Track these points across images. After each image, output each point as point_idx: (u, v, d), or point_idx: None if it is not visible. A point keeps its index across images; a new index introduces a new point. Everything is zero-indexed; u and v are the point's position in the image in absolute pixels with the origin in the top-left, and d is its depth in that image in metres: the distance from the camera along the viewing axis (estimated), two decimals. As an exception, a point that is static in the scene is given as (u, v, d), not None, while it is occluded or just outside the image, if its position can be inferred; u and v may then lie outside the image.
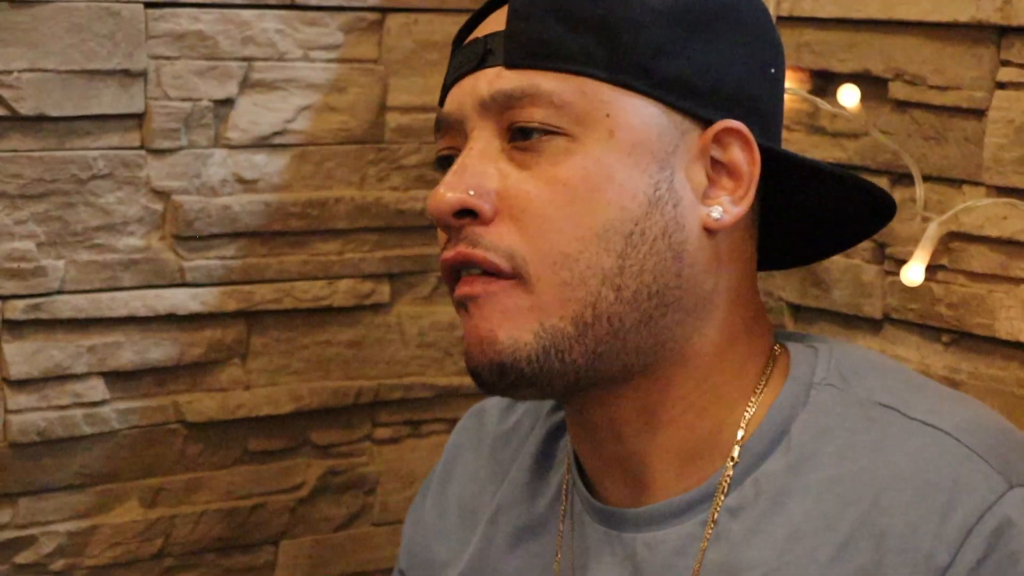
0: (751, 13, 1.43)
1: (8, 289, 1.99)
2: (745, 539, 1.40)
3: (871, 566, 1.33)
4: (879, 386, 1.43)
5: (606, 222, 1.35)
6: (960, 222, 1.85)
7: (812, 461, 1.40)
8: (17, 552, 2.05)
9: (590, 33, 1.36)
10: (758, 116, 1.42)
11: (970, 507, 1.31)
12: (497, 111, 1.37)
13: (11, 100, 1.96)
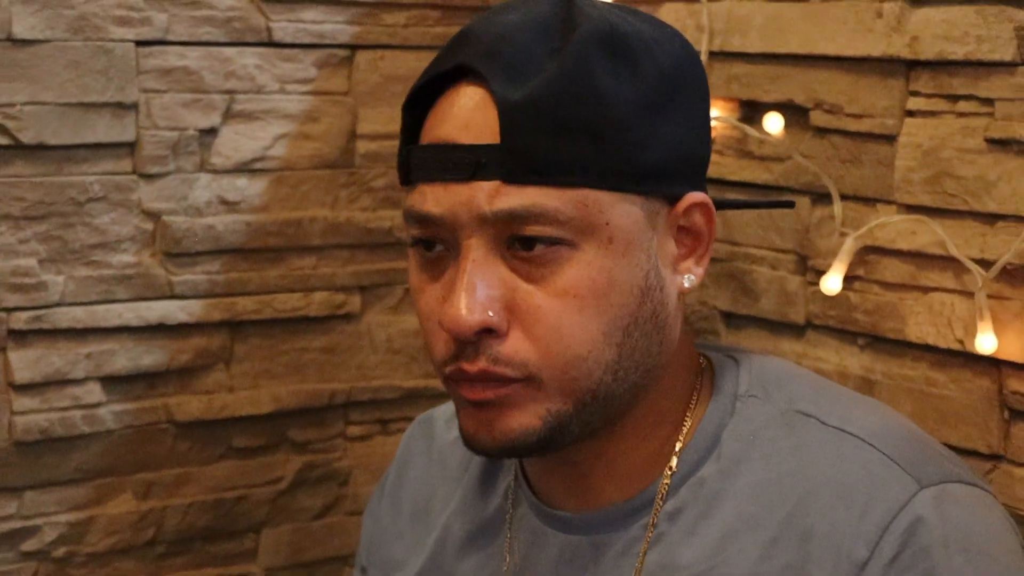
0: (690, 69, 1.42)
1: (12, 302, 1.99)
2: (681, 540, 1.40)
3: (797, 563, 1.34)
4: (797, 395, 1.43)
5: (610, 321, 1.34)
6: (874, 237, 1.85)
7: (741, 467, 1.40)
8: (23, 541, 2.05)
9: (581, 140, 1.33)
10: (703, 171, 1.42)
11: (885, 507, 1.32)
12: (498, 225, 1.33)
13: (14, 130, 1.96)
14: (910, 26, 1.81)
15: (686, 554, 1.40)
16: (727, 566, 1.37)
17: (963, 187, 1.77)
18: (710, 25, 2.04)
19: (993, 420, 1.77)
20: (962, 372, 1.80)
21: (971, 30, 1.74)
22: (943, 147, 1.79)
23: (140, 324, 2.08)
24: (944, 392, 1.82)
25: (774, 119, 1.94)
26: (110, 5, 2.00)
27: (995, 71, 1.73)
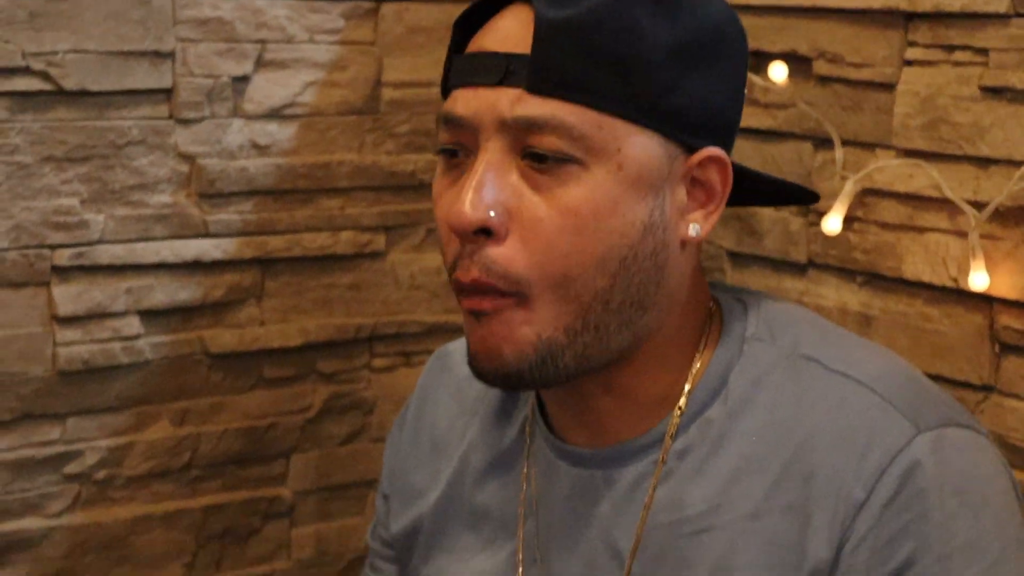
0: (734, 38, 1.40)
1: (56, 240, 1.99)
2: (690, 478, 1.40)
3: (799, 503, 1.34)
4: (802, 339, 1.42)
5: (607, 249, 1.33)
6: (873, 180, 1.86)
7: (747, 409, 1.40)
8: (66, 464, 2.05)
9: (608, 69, 1.31)
10: (729, 132, 1.41)
11: (884, 450, 1.31)
12: (516, 132, 1.32)
13: (57, 77, 1.95)
14: None
15: (694, 492, 1.39)
16: (732, 504, 1.37)
17: (958, 133, 1.77)
18: None
19: (984, 354, 1.78)
20: (955, 308, 1.80)
21: None
22: (939, 95, 1.79)
23: (176, 261, 2.08)
24: (938, 327, 1.82)
25: (779, 68, 1.93)
26: None
27: (989, 22, 1.73)
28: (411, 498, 1.64)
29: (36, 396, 2.02)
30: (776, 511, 1.35)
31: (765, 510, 1.36)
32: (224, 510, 2.19)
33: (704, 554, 1.38)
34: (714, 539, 1.37)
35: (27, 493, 2.03)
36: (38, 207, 1.98)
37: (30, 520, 2.04)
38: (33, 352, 2.01)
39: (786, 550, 1.34)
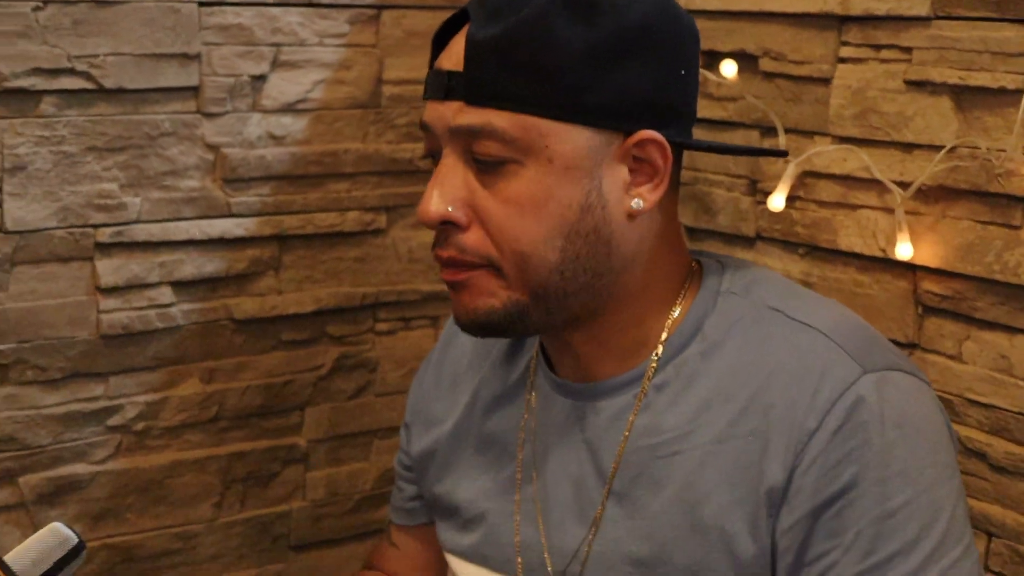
0: (661, 30, 1.40)
1: (98, 220, 2.00)
2: (665, 408, 1.43)
3: (760, 430, 1.37)
4: (769, 294, 1.46)
5: (549, 229, 1.37)
6: (812, 163, 1.86)
7: (718, 350, 1.43)
8: (108, 417, 2.06)
9: (528, 77, 1.35)
10: (671, 113, 1.42)
11: (833, 387, 1.34)
12: (462, 137, 1.37)
13: (98, 77, 1.95)
14: None
15: (668, 420, 1.42)
16: (702, 430, 1.40)
17: (885, 121, 1.77)
18: None
19: (909, 315, 1.78)
20: (883, 275, 1.81)
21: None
22: (869, 88, 1.79)
23: (203, 238, 2.09)
24: (869, 292, 1.83)
25: (729, 65, 1.94)
26: None
27: (912, 24, 1.73)
28: (430, 425, 1.67)
29: (82, 357, 2.02)
30: (739, 437, 1.38)
31: (730, 435, 1.38)
32: (247, 456, 2.20)
33: (675, 473, 1.41)
34: (685, 460, 1.40)
35: (75, 442, 2.04)
36: (82, 191, 1.98)
37: (78, 466, 2.04)
38: (79, 319, 2.01)
39: (746, 470, 1.37)
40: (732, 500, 1.38)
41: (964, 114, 1.70)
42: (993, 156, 1.65)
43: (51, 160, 1.95)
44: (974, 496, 1.72)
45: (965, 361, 1.74)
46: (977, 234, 1.70)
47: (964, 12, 1.68)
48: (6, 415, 1.99)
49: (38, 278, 1.98)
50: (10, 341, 1.97)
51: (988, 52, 1.65)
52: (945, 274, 1.74)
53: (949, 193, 1.72)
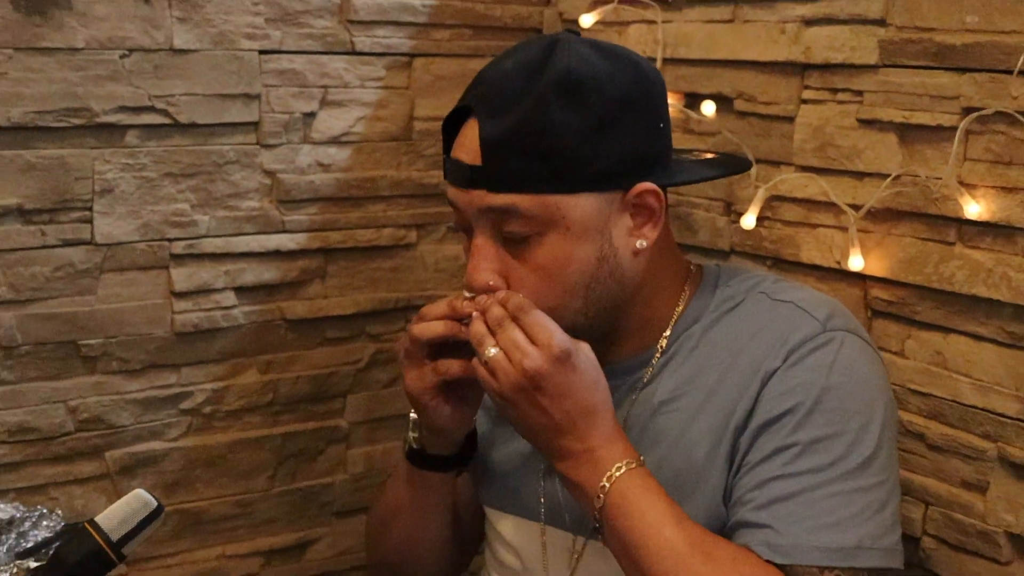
0: (639, 96, 1.42)
1: (173, 234, 2.00)
2: (666, 376, 1.49)
3: (743, 382, 1.43)
4: (758, 283, 1.53)
5: (573, 284, 1.41)
6: (778, 188, 1.86)
7: (714, 326, 1.49)
8: (180, 402, 2.07)
9: (538, 162, 1.37)
10: (657, 162, 1.45)
11: (797, 338, 1.41)
12: (491, 217, 1.40)
13: (174, 114, 1.96)
14: (804, 40, 1.80)
15: (667, 383, 1.49)
16: (696, 389, 1.46)
17: (841, 153, 1.77)
18: (664, 40, 2.02)
19: (860, 317, 1.76)
20: (839, 284, 1.81)
21: (847, 42, 1.74)
22: (827, 125, 1.79)
23: (261, 250, 2.09)
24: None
25: (708, 105, 1.94)
26: (241, 25, 1.99)
27: (863, 71, 1.73)
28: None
29: (158, 351, 2.03)
30: (724, 390, 1.43)
31: (717, 391, 1.44)
32: (297, 436, 2.19)
33: (670, 426, 1.46)
34: (679, 415, 1.46)
35: (153, 423, 2.05)
36: (160, 210, 1.98)
37: (155, 443, 2.05)
38: (156, 318, 2.01)
39: (725, 415, 1.42)
40: (715, 442, 1.42)
41: (907, 147, 1.70)
42: (931, 183, 1.65)
43: (134, 184, 1.96)
44: (914, 471, 1.72)
45: (907, 357, 1.73)
46: (918, 249, 1.70)
47: (907, 61, 1.68)
48: (94, 399, 1.99)
49: (122, 284, 1.98)
50: (98, 337, 1.97)
51: (927, 95, 1.66)
52: (891, 283, 1.74)
53: (894, 214, 1.72)
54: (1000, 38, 1.57)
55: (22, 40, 1.84)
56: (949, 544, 1.69)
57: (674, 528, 1.33)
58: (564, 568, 1.56)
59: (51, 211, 1.91)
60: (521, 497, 1.61)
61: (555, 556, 1.57)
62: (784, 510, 1.36)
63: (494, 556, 1.67)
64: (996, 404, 1.62)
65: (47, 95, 1.87)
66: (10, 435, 1.93)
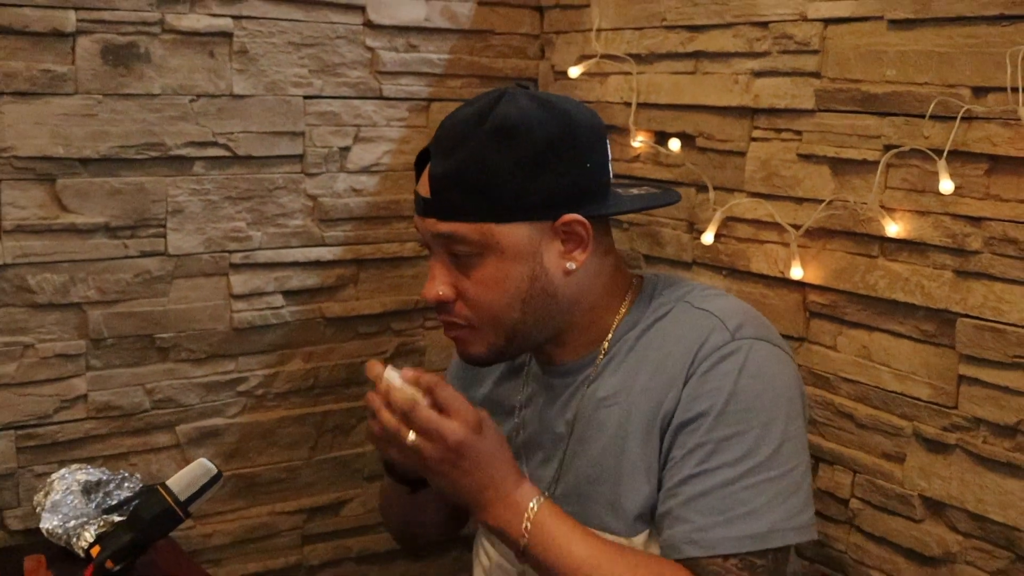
0: (564, 141, 1.39)
1: (232, 247, 2.00)
2: (607, 375, 1.45)
3: (668, 381, 1.39)
4: (685, 292, 1.47)
5: (511, 298, 1.39)
6: (732, 211, 1.85)
7: (648, 332, 1.44)
8: (238, 385, 2.07)
9: (475, 196, 1.35)
10: (585, 196, 1.41)
11: (709, 347, 1.37)
12: (441, 240, 1.38)
13: (233, 148, 1.96)
14: (754, 89, 1.80)
15: (609, 382, 1.45)
16: (631, 388, 1.42)
17: (784, 182, 1.77)
18: (637, 88, 2.01)
19: (800, 318, 1.78)
20: (782, 290, 1.80)
21: (788, 91, 1.74)
22: (772, 159, 1.79)
23: (305, 260, 2.08)
24: (772, 302, 1.82)
25: (675, 142, 1.94)
26: (289, 75, 1.99)
27: (802, 115, 1.73)
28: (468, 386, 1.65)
29: (219, 343, 2.03)
30: (653, 389, 1.40)
31: (648, 388, 1.40)
32: (334, 414, 2.18)
33: (612, 418, 1.43)
34: (618, 409, 1.42)
35: (214, 403, 2.05)
36: (221, 227, 1.99)
37: (216, 419, 2.06)
38: (218, 316, 2.02)
39: (654, 411, 1.39)
40: (646, 433, 1.40)
41: (838, 178, 1.69)
42: (858, 207, 1.65)
43: (200, 205, 1.96)
44: (844, 445, 1.72)
45: (839, 350, 1.73)
46: (848, 261, 1.69)
47: (838, 107, 1.68)
48: (167, 383, 1.99)
49: (190, 288, 1.98)
50: (170, 332, 1.98)
51: (855, 135, 1.66)
52: (825, 289, 1.73)
53: (828, 232, 1.72)
54: (914, 88, 1.57)
55: (109, 88, 1.85)
56: (873, 505, 1.70)
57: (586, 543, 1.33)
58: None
59: (132, 228, 1.91)
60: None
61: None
62: (704, 505, 1.33)
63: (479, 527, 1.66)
64: (912, 390, 1.63)
65: (129, 132, 1.87)
66: (98, 412, 1.94)
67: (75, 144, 1.84)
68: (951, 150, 1.52)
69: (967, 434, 1.56)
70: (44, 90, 1.80)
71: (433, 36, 2.15)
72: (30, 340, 1.86)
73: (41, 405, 1.88)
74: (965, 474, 1.57)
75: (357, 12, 2.06)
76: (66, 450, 1.91)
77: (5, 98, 1.78)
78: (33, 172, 1.82)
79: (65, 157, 1.83)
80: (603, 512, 1.43)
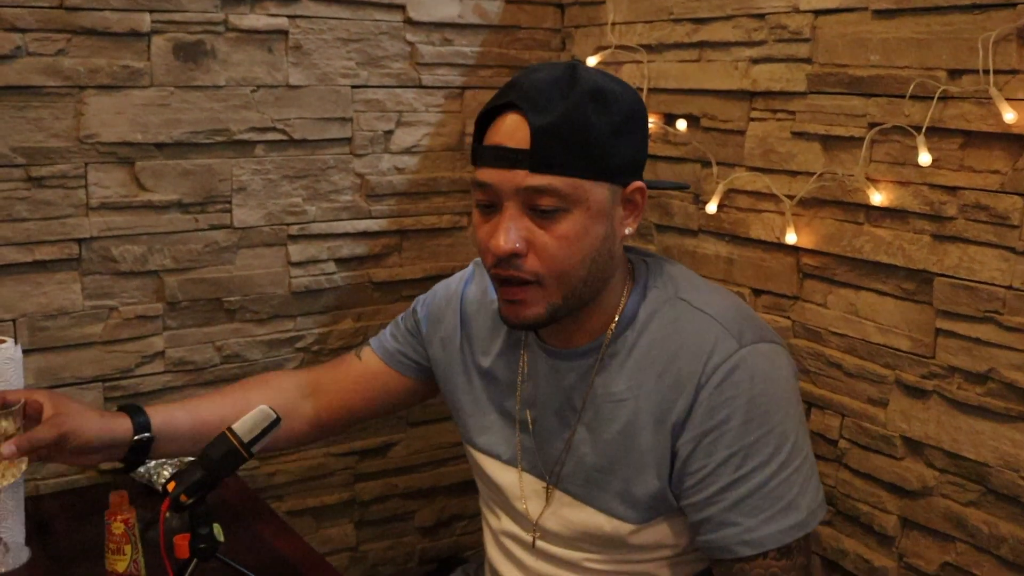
0: (640, 111, 1.36)
1: (290, 220, 2.00)
2: (615, 371, 1.39)
3: (673, 386, 1.33)
4: (679, 287, 1.40)
5: (585, 255, 1.31)
6: (733, 184, 1.84)
7: (646, 329, 1.38)
8: (296, 342, 2.06)
9: (575, 151, 1.27)
10: (642, 167, 1.37)
11: (718, 357, 1.31)
12: (525, 195, 1.28)
13: (290, 132, 1.96)
14: (752, 74, 1.79)
15: (617, 379, 1.38)
16: (638, 386, 1.36)
17: (780, 157, 1.76)
18: (648, 75, 2.00)
19: (794, 279, 1.77)
20: (778, 254, 1.79)
21: (783, 76, 1.73)
22: (769, 136, 1.78)
23: (354, 231, 2.08)
24: (769, 265, 1.81)
25: (681, 122, 1.93)
26: (339, 67, 1.98)
27: (795, 96, 1.72)
28: (437, 336, 1.58)
29: (280, 305, 2.03)
30: (661, 390, 1.34)
31: (656, 389, 1.34)
32: None
33: (621, 413, 1.37)
34: (627, 405, 1.37)
35: (276, 358, 2.05)
36: (280, 203, 1.99)
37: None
38: (278, 281, 2.02)
39: (664, 411, 1.34)
40: (655, 432, 1.35)
41: (828, 153, 1.68)
42: (846, 179, 1.64)
43: (261, 184, 1.97)
44: (833, 392, 1.71)
45: (829, 307, 1.72)
46: (837, 228, 1.68)
47: (828, 89, 1.67)
48: (234, 340, 2.00)
49: (253, 256, 1.99)
50: (237, 295, 1.99)
51: (843, 114, 1.65)
52: (817, 252, 1.73)
53: (819, 202, 1.71)
54: (896, 71, 1.56)
55: (180, 81, 1.86)
56: (859, 445, 1.69)
57: None
58: (539, 506, 1.47)
59: (201, 204, 1.92)
60: (503, 448, 1.51)
61: (531, 496, 1.48)
62: (748, 507, 1.30)
63: (486, 490, 1.58)
64: (894, 342, 1.62)
65: (198, 120, 1.88)
66: (174, 366, 1.95)
67: (151, 131, 1.85)
68: (929, 127, 1.51)
69: (943, 381, 1.56)
70: (124, 83, 1.81)
71: (466, 31, 2.14)
72: (114, 304, 1.88)
73: (125, 360, 1.90)
74: (941, 416, 1.57)
75: (398, 10, 2.06)
76: (147, 400, 1.92)
77: (90, 91, 1.79)
78: (115, 156, 1.83)
79: (143, 142, 1.85)
80: (612, 500, 1.39)
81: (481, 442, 1.54)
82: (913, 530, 1.63)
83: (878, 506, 1.67)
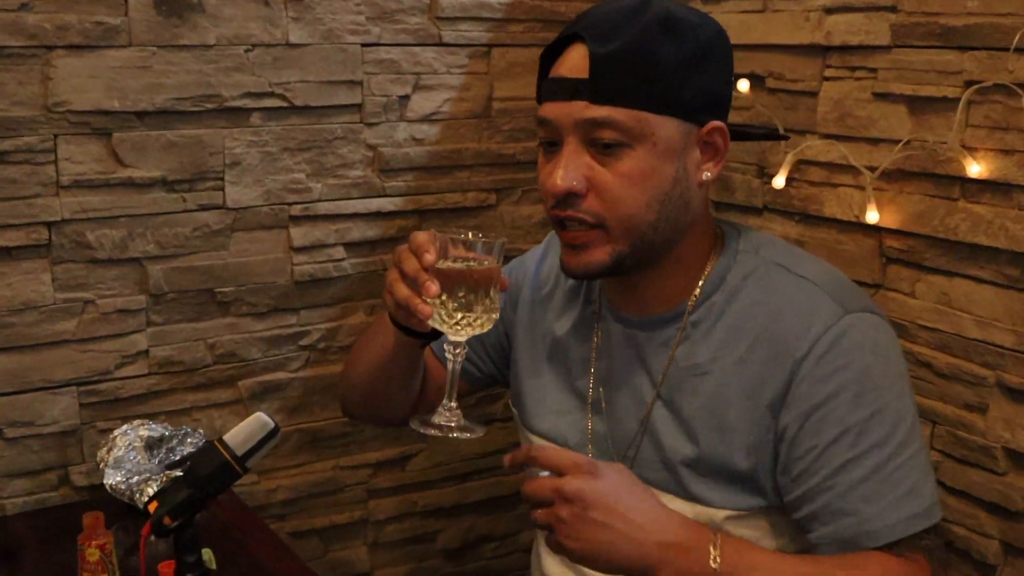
0: (721, 45, 1.39)
1: (291, 199, 2.00)
2: (699, 340, 1.42)
3: (768, 357, 1.35)
4: (775, 253, 1.43)
5: (651, 197, 1.35)
6: (804, 154, 1.85)
7: (737, 296, 1.40)
8: (300, 339, 2.07)
9: (639, 82, 1.32)
10: (725, 108, 1.40)
11: (821, 324, 1.32)
12: (585, 128, 1.34)
13: (291, 98, 1.96)
14: (826, 25, 1.80)
15: (701, 349, 1.41)
16: (725, 356, 1.39)
17: (858, 123, 1.77)
18: None
19: (876, 264, 1.78)
20: (857, 235, 1.80)
21: (863, 27, 1.74)
22: (846, 98, 1.78)
23: (365, 211, 2.08)
24: (846, 248, 1.82)
25: (743, 83, 1.93)
26: (346, 22, 1.99)
27: (877, 52, 1.73)
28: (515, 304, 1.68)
29: (281, 296, 2.03)
30: (753, 361, 1.37)
31: (746, 360, 1.37)
32: None
33: (705, 387, 1.40)
34: (712, 378, 1.40)
35: (277, 357, 2.06)
36: (280, 179, 1.98)
37: (279, 374, 2.06)
38: (278, 269, 2.02)
39: (756, 385, 1.36)
40: (746, 408, 1.37)
41: (916, 117, 1.68)
42: (938, 147, 1.64)
43: (258, 157, 1.96)
44: (923, 395, 1.71)
45: (917, 297, 1.72)
46: (926, 204, 1.68)
47: (916, 42, 1.67)
48: (228, 338, 2.00)
49: (250, 241, 1.99)
50: (231, 285, 1.99)
51: (933, 71, 1.64)
52: (902, 234, 1.73)
53: (905, 174, 1.71)
54: (998, 20, 1.55)
55: (163, 39, 1.85)
56: (954, 457, 1.69)
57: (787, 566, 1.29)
58: None
59: (190, 181, 1.92)
60: (570, 432, 1.56)
61: None
62: (865, 492, 1.31)
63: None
64: (994, 337, 1.61)
65: (185, 84, 1.87)
66: (160, 367, 1.96)
67: (130, 97, 1.84)
68: (1037, 84, 1.52)
69: (1054, 384, 1.55)
70: (97, 43, 1.80)
71: (493, -21, 2.15)
72: (90, 296, 1.88)
73: (102, 361, 1.90)
74: (1052, 425, 1.56)
75: (414, -44, 2.07)
76: (128, 406, 1.93)
77: (59, 52, 1.78)
78: (88, 126, 1.83)
79: (120, 111, 1.84)
80: (695, 483, 1.41)
81: (544, 427, 1.58)
82: (1018, 558, 1.62)
83: (976, 529, 1.67)
